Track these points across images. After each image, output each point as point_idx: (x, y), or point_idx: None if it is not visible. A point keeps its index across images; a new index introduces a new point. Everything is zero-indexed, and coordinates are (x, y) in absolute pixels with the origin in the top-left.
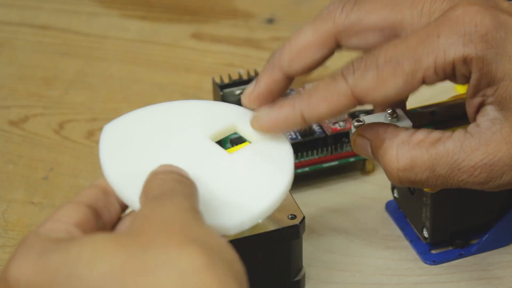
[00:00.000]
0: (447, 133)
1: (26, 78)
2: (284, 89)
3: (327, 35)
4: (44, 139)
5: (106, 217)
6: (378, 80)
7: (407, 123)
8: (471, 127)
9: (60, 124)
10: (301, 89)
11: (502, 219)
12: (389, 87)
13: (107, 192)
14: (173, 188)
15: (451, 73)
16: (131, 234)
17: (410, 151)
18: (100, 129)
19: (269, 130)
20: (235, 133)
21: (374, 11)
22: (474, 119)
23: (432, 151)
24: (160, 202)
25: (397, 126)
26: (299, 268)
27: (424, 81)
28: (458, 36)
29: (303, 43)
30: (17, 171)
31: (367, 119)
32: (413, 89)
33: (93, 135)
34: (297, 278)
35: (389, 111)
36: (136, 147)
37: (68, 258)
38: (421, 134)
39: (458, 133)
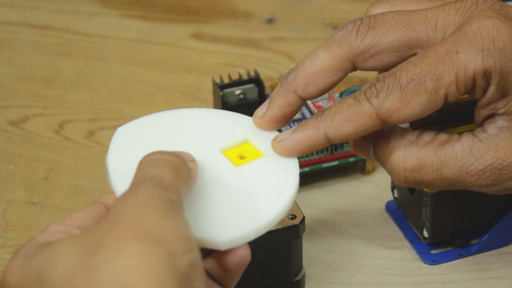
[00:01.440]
0: (455, 136)
1: (26, 78)
2: (297, 111)
3: (344, 60)
4: (44, 139)
5: None
6: (402, 101)
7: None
8: (478, 131)
9: (60, 124)
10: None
11: (502, 219)
12: (414, 107)
13: None
14: (148, 174)
15: (471, 88)
16: (91, 233)
17: (418, 152)
18: (100, 129)
19: (292, 153)
20: None
21: (389, 32)
22: (481, 125)
23: (440, 153)
24: (127, 194)
25: (402, 128)
26: (299, 268)
27: (447, 98)
28: (477, 51)
29: (319, 68)
30: (17, 171)
31: None
32: (437, 106)
33: (93, 135)
34: (297, 278)
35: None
36: (144, 151)
37: (40, 262)
38: (428, 136)
39: (467, 137)
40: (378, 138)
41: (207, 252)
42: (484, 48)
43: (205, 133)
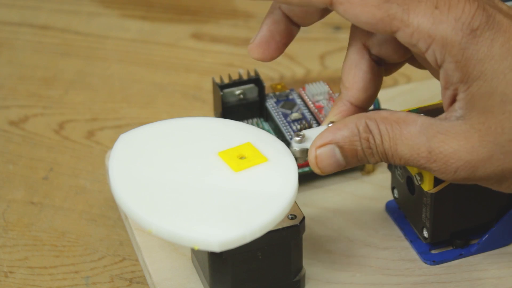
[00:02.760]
0: (413, 116)
1: (26, 78)
2: (287, 34)
3: None
4: (44, 139)
5: None
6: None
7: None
8: (440, 116)
9: (60, 124)
10: (301, 89)
11: (502, 219)
12: (362, 11)
13: None
14: None
15: (423, 44)
16: None
17: (379, 125)
18: (100, 129)
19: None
20: None
21: None
22: (447, 110)
23: (396, 131)
24: None
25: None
26: (299, 268)
27: (396, 31)
28: (451, 19)
29: None
30: (17, 171)
31: (308, 132)
32: (385, 28)
33: (93, 135)
34: (297, 278)
35: (329, 125)
36: (146, 158)
37: None
38: (387, 112)
39: (425, 119)
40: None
41: None
42: (459, 19)
43: (207, 139)
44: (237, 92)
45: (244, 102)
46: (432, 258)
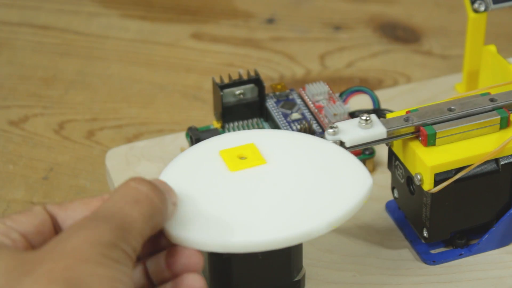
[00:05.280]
0: None
1: (26, 78)
2: None
3: None
4: (44, 139)
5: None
6: None
7: (381, 129)
8: None
9: (60, 124)
10: (301, 89)
11: (502, 219)
12: None
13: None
14: (117, 211)
15: None
16: (28, 255)
17: None
18: (100, 129)
19: None
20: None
21: None
22: None
23: None
24: (83, 224)
25: None
26: (299, 268)
27: None
28: None
29: None
30: (17, 171)
31: (341, 125)
32: None
33: (93, 135)
34: (297, 278)
35: (362, 117)
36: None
37: None
38: None
39: None
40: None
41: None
42: None
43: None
44: (237, 92)
45: (244, 102)
46: (432, 258)
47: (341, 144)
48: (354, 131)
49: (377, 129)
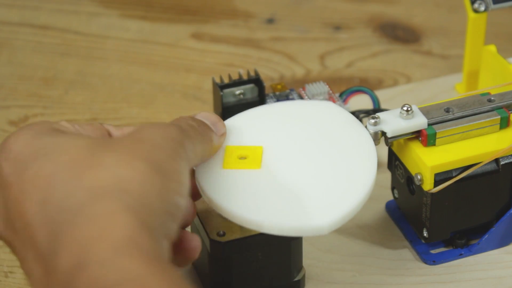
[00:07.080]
0: None
1: (26, 78)
2: None
3: None
4: None
5: None
6: None
7: (422, 119)
8: None
9: None
10: (301, 89)
11: (502, 219)
12: None
13: None
14: (183, 124)
15: None
16: (105, 139)
17: None
18: None
19: None
20: None
21: None
22: None
23: None
24: (150, 125)
25: None
26: (299, 268)
27: None
28: None
29: None
30: None
31: (382, 115)
32: None
33: None
34: (297, 278)
35: (404, 108)
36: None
37: (52, 142)
38: None
39: None
40: None
41: None
42: None
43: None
44: (237, 92)
45: (244, 102)
46: (432, 258)
47: (383, 134)
48: (396, 122)
49: (418, 120)
